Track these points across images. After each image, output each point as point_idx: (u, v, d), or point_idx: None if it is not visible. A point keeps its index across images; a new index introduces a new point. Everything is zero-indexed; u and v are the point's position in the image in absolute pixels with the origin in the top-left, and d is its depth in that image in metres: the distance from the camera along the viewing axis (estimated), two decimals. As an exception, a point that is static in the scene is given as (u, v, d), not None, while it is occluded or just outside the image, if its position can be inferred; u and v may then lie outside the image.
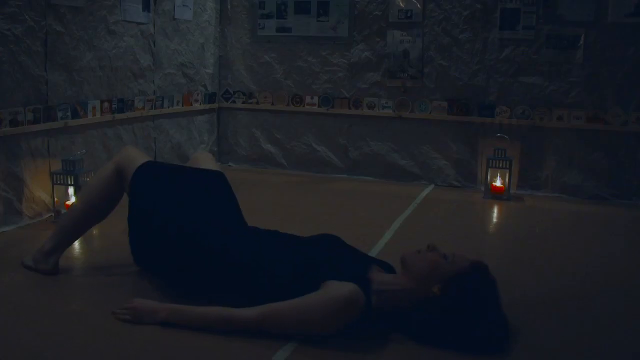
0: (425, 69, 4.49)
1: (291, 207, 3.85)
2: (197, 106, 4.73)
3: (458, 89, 4.44)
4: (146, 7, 4.11)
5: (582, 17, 4.20)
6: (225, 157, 5.01)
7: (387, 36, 4.52)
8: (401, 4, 4.46)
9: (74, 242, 2.67)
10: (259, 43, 4.81)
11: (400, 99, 4.56)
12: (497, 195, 4.20)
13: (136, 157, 2.47)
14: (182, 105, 4.57)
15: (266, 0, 4.75)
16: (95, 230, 3.19)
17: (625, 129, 4.18)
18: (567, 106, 4.27)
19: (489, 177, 4.23)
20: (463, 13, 4.37)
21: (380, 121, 4.61)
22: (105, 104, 3.85)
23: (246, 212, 2.54)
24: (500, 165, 4.19)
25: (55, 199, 3.33)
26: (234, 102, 4.95)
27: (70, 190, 3.29)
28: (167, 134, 4.45)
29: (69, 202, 3.31)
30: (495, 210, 3.98)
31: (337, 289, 1.91)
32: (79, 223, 2.53)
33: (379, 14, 4.52)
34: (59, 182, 3.30)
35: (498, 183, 4.21)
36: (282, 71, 4.79)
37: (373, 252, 2.85)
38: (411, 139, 4.57)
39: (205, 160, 2.70)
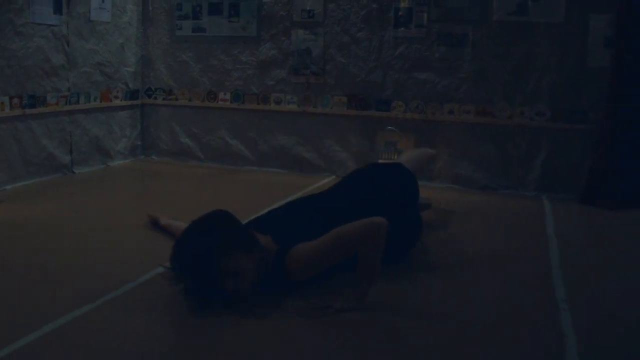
0: (327, 66, 4.73)
1: (190, 197, 4.12)
2: (117, 102, 5.02)
3: (357, 85, 4.68)
4: (58, 9, 4.40)
5: (470, 16, 4.41)
6: (149, 151, 5.31)
7: (291, 35, 4.77)
8: (305, 5, 4.70)
9: None
10: (177, 43, 5.10)
11: (304, 94, 4.81)
12: (388, 185, 4.42)
13: None
14: (101, 102, 4.86)
15: (183, 2, 5.03)
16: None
17: (511, 122, 4.39)
18: (457, 101, 4.49)
19: (382, 169, 4.46)
20: (360, 13, 4.60)
21: (287, 116, 4.86)
22: (15, 100, 4.15)
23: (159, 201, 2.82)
24: (391, 157, 4.41)
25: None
26: (155, 98, 5.24)
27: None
28: (83, 129, 4.74)
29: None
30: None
31: None
32: None
33: (284, 14, 4.78)
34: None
35: (389, 174, 4.44)
36: (198, 69, 5.07)
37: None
38: (315, 132, 4.82)
39: None
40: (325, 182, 4.62)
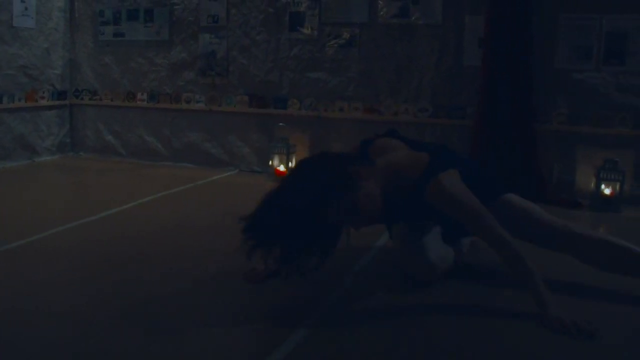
0: (230, 67, 5.04)
1: (101, 188, 4.48)
2: (43, 102, 5.40)
3: (257, 85, 4.98)
4: (-22, 17, 4.80)
5: (357, 19, 4.68)
6: (77, 148, 5.68)
7: (199, 39, 5.10)
8: (210, 10, 5.02)
9: None
10: (101, 47, 5.46)
11: (210, 94, 5.13)
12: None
13: None
14: (26, 102, 5.25)
15: (105, 9, 5.39)
16: None
17: (397, 118, 4.63)
18: (347, 99, 4.76)
19: (276, 162, 4.76)
20: (259, 17, 4.90)
21: (196, 114, 5.19)
22: None
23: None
24: (281, 151, 4.71)
25: None
26: (82, 99, 5.61)
27: None
28: (8, 126, 5.11)
29: None
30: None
31: None
32: None
33: (192, 19, 5.10)
34: None
35: (281, 168, 4.72)
36: (118, 71, 5.42)
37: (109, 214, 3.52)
38: (220, 129, 5.13)
39: None
40: (227, 175, 4.94)
